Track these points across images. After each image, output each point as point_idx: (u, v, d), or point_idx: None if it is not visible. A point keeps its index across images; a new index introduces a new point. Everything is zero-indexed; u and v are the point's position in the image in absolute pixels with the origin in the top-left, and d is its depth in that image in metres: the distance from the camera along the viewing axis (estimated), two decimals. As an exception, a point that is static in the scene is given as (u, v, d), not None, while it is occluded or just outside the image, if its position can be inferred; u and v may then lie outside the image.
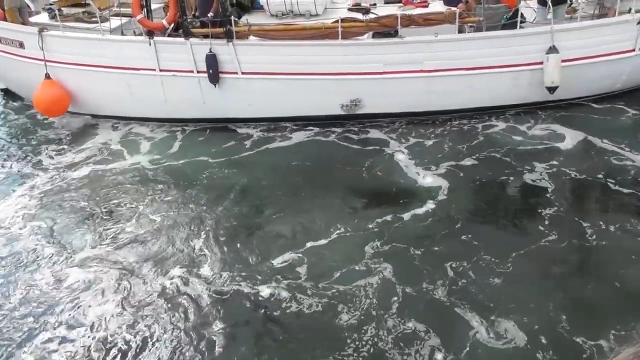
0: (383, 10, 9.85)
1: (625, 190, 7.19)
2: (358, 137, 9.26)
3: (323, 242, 6.62)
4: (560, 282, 5.71)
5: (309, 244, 6.58)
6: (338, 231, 6.79)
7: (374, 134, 9.32)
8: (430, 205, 7.18)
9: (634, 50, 8.75)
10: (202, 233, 6.94)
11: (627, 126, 8.89)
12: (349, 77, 9.09)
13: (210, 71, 9.11)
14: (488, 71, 8.84)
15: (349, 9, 10.20)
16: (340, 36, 8.80)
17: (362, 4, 10.36)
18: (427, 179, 7.84)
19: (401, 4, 10.20)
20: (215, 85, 9.27)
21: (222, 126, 9.85)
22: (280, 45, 9.06)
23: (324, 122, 9.60)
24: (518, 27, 8.66)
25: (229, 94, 9.43)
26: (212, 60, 9.07)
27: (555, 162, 7.97)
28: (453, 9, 8.94)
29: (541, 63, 8.62)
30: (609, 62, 8.82)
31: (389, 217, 6.97)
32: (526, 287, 5.65)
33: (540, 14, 9.16)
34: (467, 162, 8.20)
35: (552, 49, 8.50)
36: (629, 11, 8.62)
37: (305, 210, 7.34)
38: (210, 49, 9.02)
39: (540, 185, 7.47)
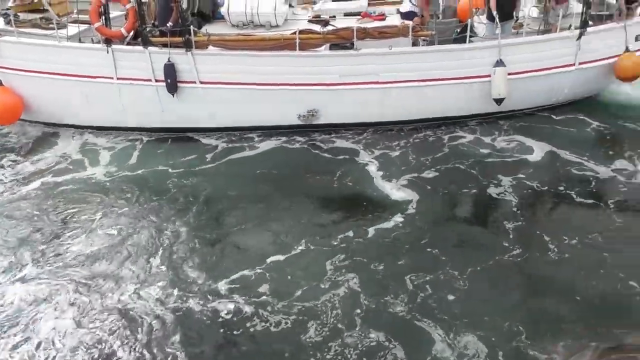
0: (342, 22, 9.84)
1: (587, 201, 7.27)
2: (326, 146, 9.19)
3: (289, 255, 6.47)
4: (521, 296, 5.70)
5: (274, 258, 6.41)
6: (304, 244, 6.64)
7: (341, 143, 9.25)
8: (397, 218, 7.08)
9: (574, 64, 9.05)
10: (161, 247, 6.70)
11: (590, 138, 9.01)
12: (306, 88, 9.08)
13: (169, 80, 8.93)
14: (440, 83, 8.98)
15: (309, 21, 10.18)
16: (298, 47, 8.83)
17: (322, 16, 10.50)
18: (395, 190, 7.74)
19: (359, 17, 10.25)
20: (173, 94, 9.10)
21: (183, 136, 9.65)
22: (239, 56, 8.94)
23: (282, 131, 9.54)
24: (467, 41, 8.82)
25: (188, 104, 9.27)
26: (170, 70, 8.90)
27: (520, 175, 7.93)
28: (407, 22, 9.11)
29: (489, 76, 8.83)
30: (551, 76, 9.08)
31: (356, 230, 6.85)
32: (488, 301, 5.63)
33: (488, 29, 9.33)
34: (434, 174, 8.14)
35: (499, 63, 8.70)
36: (570, 28, 8.96)
37: (272, 221, 7.17)
38: (168, 58, 8.89)
39: (505, 199, 7.42)
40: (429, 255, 6.37)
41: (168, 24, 9.07)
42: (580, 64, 9.09)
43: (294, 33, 8.87)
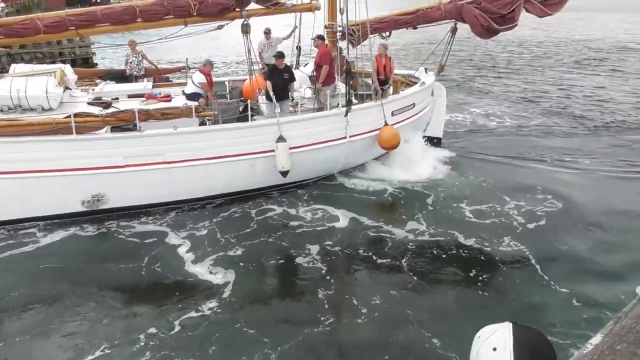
0: (126, 104, 9.78)
1: (386, 261, 7.74)
2: (127, 231, 8.67)
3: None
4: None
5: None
6: (104, 347, 5.94)
7: (144, 227, 8.83)
8: (210, 303, 6.76)
9: (345, 137, 10.20)
10: None
11: (388, 203, 9.83)
12: (87, 173, 8.65)
13: None
14: (227, 160, 9.30)
15: (89, 103, 9.86)
16: (74, 131, 8.52)
17: (103, 98, 10.29)
18: (207, 273, 7.47)
19: (144, 99, 10.31)
20: None
21: None
22: (3, 143, 8.27)
23: (67, 220, 8.84)
24: (250, 119, 9.42)
25: (-63, 199, 8.13)
26: None
27: (328, 242, 8.26)
28: (190, 103, 9.45)
29: (273, 151, 9.47)
30: (328, 148, 10.08)
31: (165, 322, 6.37)
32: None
33: (268, 108, 10.06)
34: (245, 251, 8.05)
35: (281, 138, 9.39)
36: (338, 106, 10.16)
37: (65, 324, 6.36)
38: None
39: (316, 267, 7.61)
40: (243, 338, 6.18)
41: None
42: (350, 136, 10.26)
43: (68, 116, 8.52)
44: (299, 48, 12.47)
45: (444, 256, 7.93)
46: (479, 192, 10.17)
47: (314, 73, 10.94)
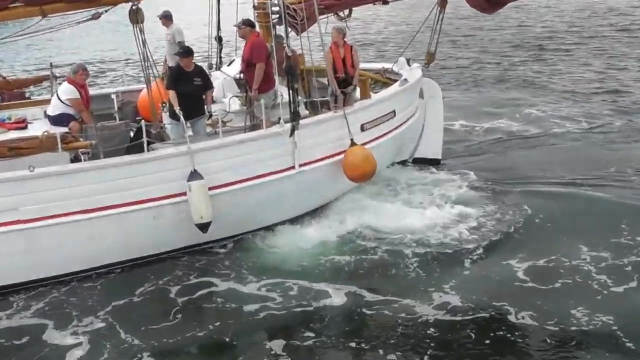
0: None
1: (392, 356, 7.35)
2: None
3: None
4: None
5: None
6: None
7: (17, 318, 8.45)
8: None
9: (294, 167, 9.79)
10: None
11: (395, 265, 9.35)
12: None
13: None
14: (115, 211, 8.87)
15: None
16: None
17: None
18: None
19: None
20: None
21: None
22: None
23: None
24: (146, 149, 9.01)
25: None
26: None
27: (308, 333, 7.87)
28: (56, 129, 9.03)
29: (185, 194, 9.00)
30: (269, 184, 9.66)
31: None
32: None
33: (174, 131, 9.72)
34: (175, 342, 7.75)
35: (195, 175, 8.92)
36: (279, 121, 9.66)
37: None
38: None
39: None
40: None
41: None
42: (301, 165, 9.92)
43: None
44: (219, 39, 12.37)
45: (489, 343, 7.59)
46: (533, 238, 9.86)
47: (243, 75, 10.85)
